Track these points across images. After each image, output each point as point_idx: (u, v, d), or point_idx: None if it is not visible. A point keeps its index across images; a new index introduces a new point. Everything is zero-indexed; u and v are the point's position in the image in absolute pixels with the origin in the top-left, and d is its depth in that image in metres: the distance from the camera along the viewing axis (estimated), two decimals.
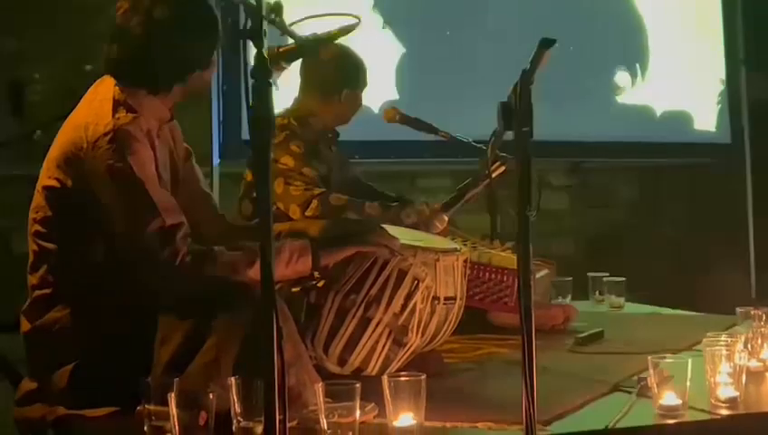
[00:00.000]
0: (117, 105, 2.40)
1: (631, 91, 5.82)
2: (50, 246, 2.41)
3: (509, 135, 2.02)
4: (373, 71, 3.66)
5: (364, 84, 3.53)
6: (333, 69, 3.43)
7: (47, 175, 2.42)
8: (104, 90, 2.46)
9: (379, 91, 4.69)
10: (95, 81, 2.53)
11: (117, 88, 2.44)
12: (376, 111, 4.56)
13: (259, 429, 1.93)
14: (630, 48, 5.85)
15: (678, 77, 5.89)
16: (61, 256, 2.41)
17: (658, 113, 5.86)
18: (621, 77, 5.80)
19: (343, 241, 2.57)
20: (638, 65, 5.84)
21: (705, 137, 5.97)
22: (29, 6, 5.20)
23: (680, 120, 5.92)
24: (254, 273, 2.09)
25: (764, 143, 5.99)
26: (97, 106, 2.42)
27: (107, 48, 2.47)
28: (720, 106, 5.99)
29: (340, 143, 3.69)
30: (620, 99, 5.80)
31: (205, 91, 2.60)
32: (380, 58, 5.03)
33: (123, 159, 2.33)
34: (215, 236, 2.61)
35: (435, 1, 5.37)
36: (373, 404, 2.17)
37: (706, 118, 5.98)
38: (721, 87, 6.00)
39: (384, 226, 2.71)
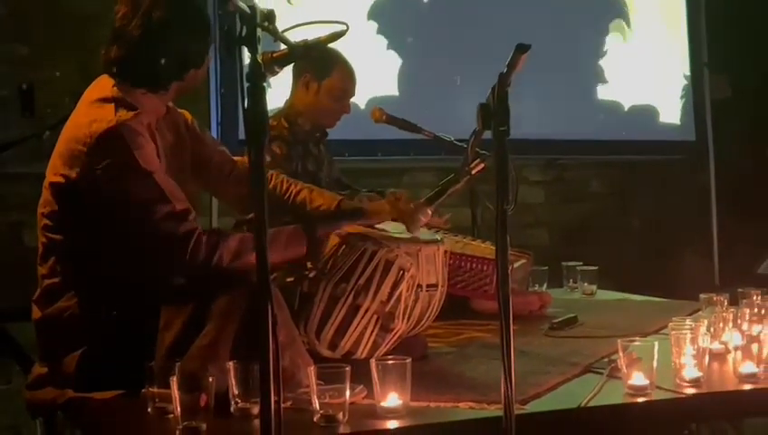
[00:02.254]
0: (117, 103, 2.40)
1: (602, 88, 5.83)
2: (58, 238, 2.41)
3: (488, 134, 2.03)
4: (364, 73, 3.66)
5: (340, 79, 3.50)
6: (309, 62, 3.41)
7: (53, 172, 2.41)
8: (101, 89, 2.45)
9: (369, 92, 4.71)
10: None
11: (115, 87, 2.43)
12: (363, 107, 4.55)
13: (255, 409, 1.93)
14: (602, 47, 5.85)
15: (645, 74, 5.90)
16: (68, 248, 2.41)
17: (626, 108, 5.87)
18: (593, 76, 5.82)
19: (338, 220, 2.60)
20: (608, 64, 5.85)
21: (670, 132, 5.99)
22: (39, 15, 5.20)
23: (647, 114, 5.93)
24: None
25: (726, 141, 6.02)
26: (97, 105, 2.41)
27: (106, 49, 2.46)
28: (684, 100, 6.01)
29: (330, 142, 3.69)
30: (592, 97, 5.81)
31: (198, 87, 2.60)
32: (373, 61, 5.06)
33: (130, 153, 2.32)
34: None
35: (426, 11, 5.36)
36: (362, 386, 2.17)
37: (671, 112, 6.00)
38: (684, 82, 6.02)
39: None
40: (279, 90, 3.57)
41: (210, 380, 2.04)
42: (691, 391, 2.29)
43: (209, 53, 2.57)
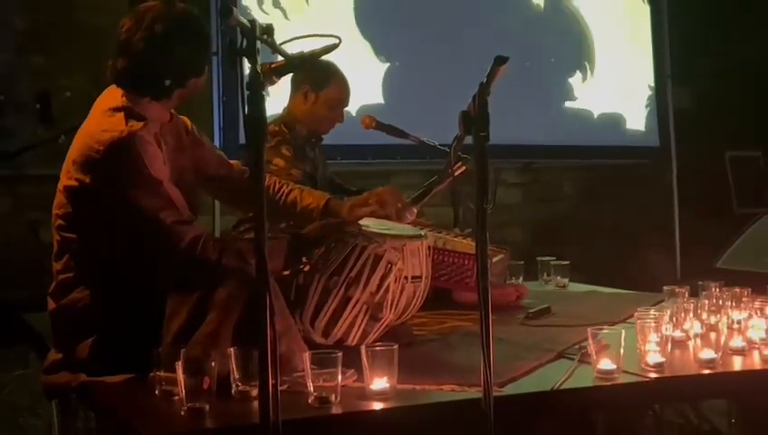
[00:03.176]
0: (127, 113, 2.39)
1: (574, 98, 5.84)
2: (71, 237, 2.40)
3: (469, 139, 2.03)
4: (356, 82, 3.67)
5: (336, 90, 3.51)
6: (308, 74, 3.42)
7: (67, 176, 2.40)
8: (112, 99, 2.44)
9: (358, 100, 4.70)
10: None
11: (124, 97, 2.43)
12: (354, 114, 4.55)
13: (254, 392, 1.93)
14: (576, 60, 5.86)
15: (613, 85, 5.92)
16: (81, 246, 2.40)
17: (596, 116, 5.89)
18: (567, 86, 5.83)
19: (321, 239, 2.59)
20: (580, 75, 5.86)
21: (636, 138, 6.01)
22: (55, 29, 5.19)
23: (615, 121, 5.95)
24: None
25: (687, 146, 6.04)
26: (108, 114, 2.40)
27: (113, 61, 2.45)
28: (649, 109, 6.03)
29: (325, 146, 3.69)
30: (564, 105, 5.82)
31: (199, 94, 2.60)
32: (363, 71, 5.06)
33: (141, 162, 2.32)
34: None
35: (413, 23, 5.36)
36: (353, 370, 2.17)
37: (637, 120, 6.02)
38: (649, 93, 6.04)
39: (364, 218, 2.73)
40: (277, 97, 3.57)
41: (213, 364, 2.03)
42: (655, 375, 2.28)
43: (209, 63, 2.56)
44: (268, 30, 1.91)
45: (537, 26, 5.72)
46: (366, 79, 5.10)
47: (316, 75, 3.44)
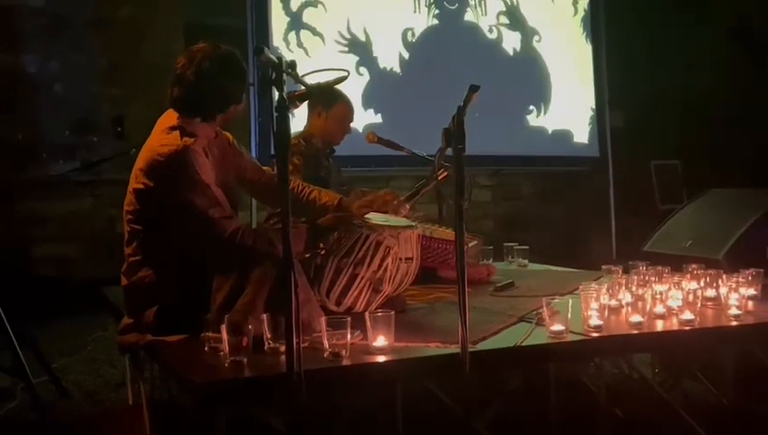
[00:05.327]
0: (182, 131, 2.38)
1: (532, 118, 5.82)
2: (139, 228, 2.40)
3: (449, 151, 2.02)
4: (360, 105, 3.66)
5: (342, 109, 3.49)
6: (320, 98, 3.41)
7: (135, 181, 2.39)
8: (169, 120, 2.43)
9: (362, 121, 4.70)
10: None
11: (179, 119, 2.42)
12: (360, 131, 4.55)
13: (282, 348, 1.92)
14: (536, 90, 5.84)
15: (563, 107, 5.90)
16: (146, 235, 2.39)
17: (549, 132, 5.87)
18: (528, 110, 5.81)
19: (333, 229, 2.58)
20: (539, 101, 5.84)
21: (580, 150, 5.99)
22: (127, 67, 5.20)
23: (564, 137, 5.94)
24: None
25: (620, 157, 6.03)
26: (167, 132, 2.39)
27: (170, 90, 2.45)
28: (591, 127, 6.02)
29: (337, 157, 3.67)
30: (525, 124, 5.80)
31: (238, 118, 2.59)
32: (365, 99, 5.05)
33: (193, 169, 2.31)
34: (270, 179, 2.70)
35: (408, 65, 5.35)
36: (359, 331, 2.16)
37: (581, 135, 6.01)
38: (591, 114, 6.02)
39: (370, 213, 2.72)
40: (299, 118, 3.56)
41: (250, 327, 2.03)
42: (595, 334, 2.28)
43: (246, 92, 2.55)
44: (292, 65, 1.90)
45: (508, 66, 5.71)
46: (367, 104, 5.10)
47: (326, 98, 3.43)
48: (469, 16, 5.60)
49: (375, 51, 5.25)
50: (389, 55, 5.31)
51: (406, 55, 5.35)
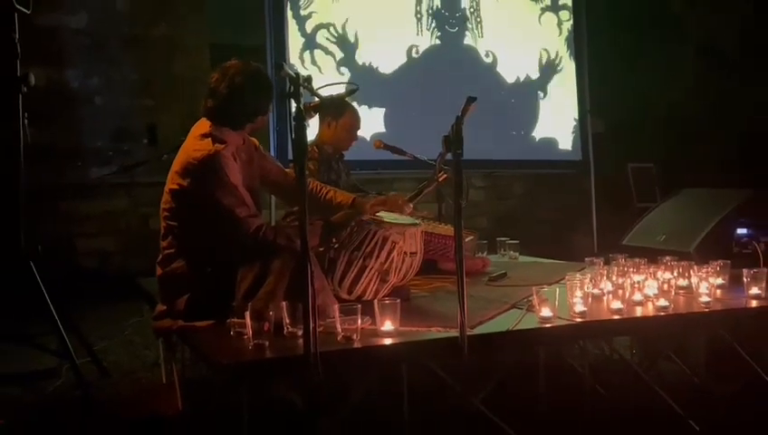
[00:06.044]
0: (213, 138, 2.39)
1: (523, 127, 5.81)
2: (174, 224, 2.41)
3: (449, 155, 2.03)
4: (367, 114, 3.65)
5: (350, 118, 3.47)
6: (330, 109, 3.40)
7: (171, 182, 2.40)
8: (202, 128, 2.45)
9: (370, 129, 4.70)
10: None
11: (211, 127, 2.43)
12: (368, 139, 4.55)
13: (300, 332, 1.93)
14: (527, 106, 5.82)
15: (550, 117, 5.89)
16: (180, 230, 2.40)
17: (537, 139, 5.86)
18: (518, 120, 5.80)
19: (345, 223, 2.59)
20: (530, 113, 5.82)
21: (565, 154, 5.98)
22: (161, 79, 5.21)
23: (550, 143, 5.92)
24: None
25: (601, 160, 6.02)
26: (199, 138, 2.40)
27: (204, 101, 2.46)
28: (574, 134, 6.00)
29: (347, 161, 3.67)
30: (516, 132, 5.79)
31: (264, 127, 2.59)
32: (372, 111, 5.05)
33: (223, 172, 2.32)
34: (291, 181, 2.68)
35: (406, 78, 5.34)
36: (368, 317, 2.17)
37: (566, 142, 6.00)
38: (575, 123, 6.01)
39: (381, 211, 2.72)
40: (313, 127, 3.56)
41: (271, 314, 2.03)
42: (579, 319, 2.28)
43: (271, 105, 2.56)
44: (308, 79, 1.91)
45: (503, 88, 5.70)
46: (377, 115, 5.09)
47: (335, 109, 3.42)
48: (468, 39, 5.59)
49: (381, 69, 5.25)
50: (392, 68, 5.31)
51: (409, 71, 5.34)
